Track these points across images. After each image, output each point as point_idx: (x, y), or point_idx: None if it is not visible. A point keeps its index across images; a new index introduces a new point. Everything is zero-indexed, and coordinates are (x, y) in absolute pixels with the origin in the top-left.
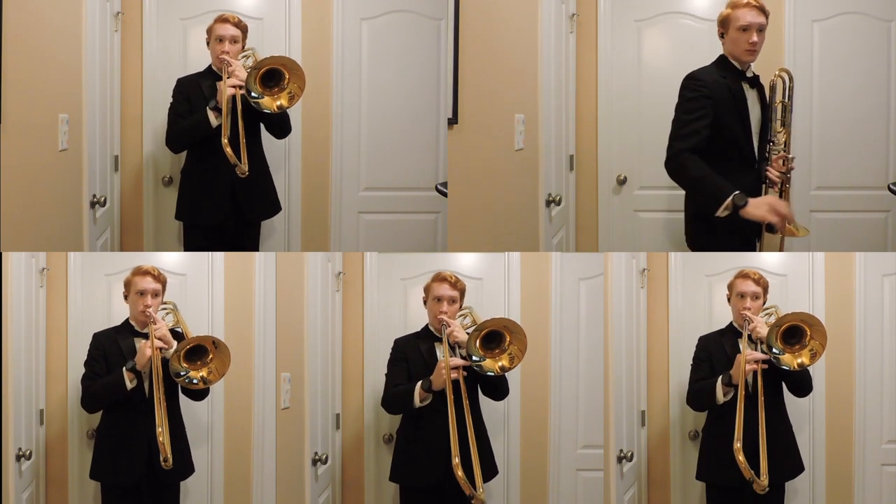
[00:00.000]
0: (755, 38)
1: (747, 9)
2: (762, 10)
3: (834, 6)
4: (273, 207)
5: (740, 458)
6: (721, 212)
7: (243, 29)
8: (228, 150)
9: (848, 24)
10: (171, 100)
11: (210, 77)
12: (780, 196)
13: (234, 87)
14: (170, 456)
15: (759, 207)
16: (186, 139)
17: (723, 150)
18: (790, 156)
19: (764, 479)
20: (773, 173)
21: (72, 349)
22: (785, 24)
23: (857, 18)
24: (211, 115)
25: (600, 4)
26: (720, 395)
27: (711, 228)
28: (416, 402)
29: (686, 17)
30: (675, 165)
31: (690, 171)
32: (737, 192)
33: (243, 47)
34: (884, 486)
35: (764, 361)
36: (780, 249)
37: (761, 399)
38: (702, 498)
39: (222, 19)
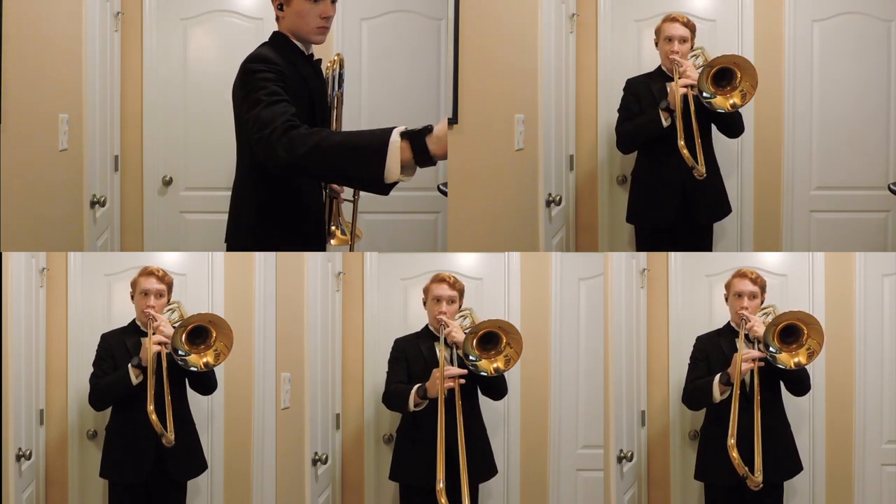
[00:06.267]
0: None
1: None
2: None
3: (834, 6)
4: None
5: (734, 454)
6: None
7: None
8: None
9: (848, 24)
10: (171, 98)
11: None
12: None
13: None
14: (168, 433)
15: None
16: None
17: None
18: None
19: (758, 476)
20: None
21: (72, 349)
22: (785, 24)
23: (857, 18)
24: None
25: (600, 4)
26: (716, 394)
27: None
28: (411, 406)
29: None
30: (620, 138)
31: (629, 128)
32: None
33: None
34: (884, 486)
35: (760, 360)
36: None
37: (757, 398)
38: (701, 498)
39: None
